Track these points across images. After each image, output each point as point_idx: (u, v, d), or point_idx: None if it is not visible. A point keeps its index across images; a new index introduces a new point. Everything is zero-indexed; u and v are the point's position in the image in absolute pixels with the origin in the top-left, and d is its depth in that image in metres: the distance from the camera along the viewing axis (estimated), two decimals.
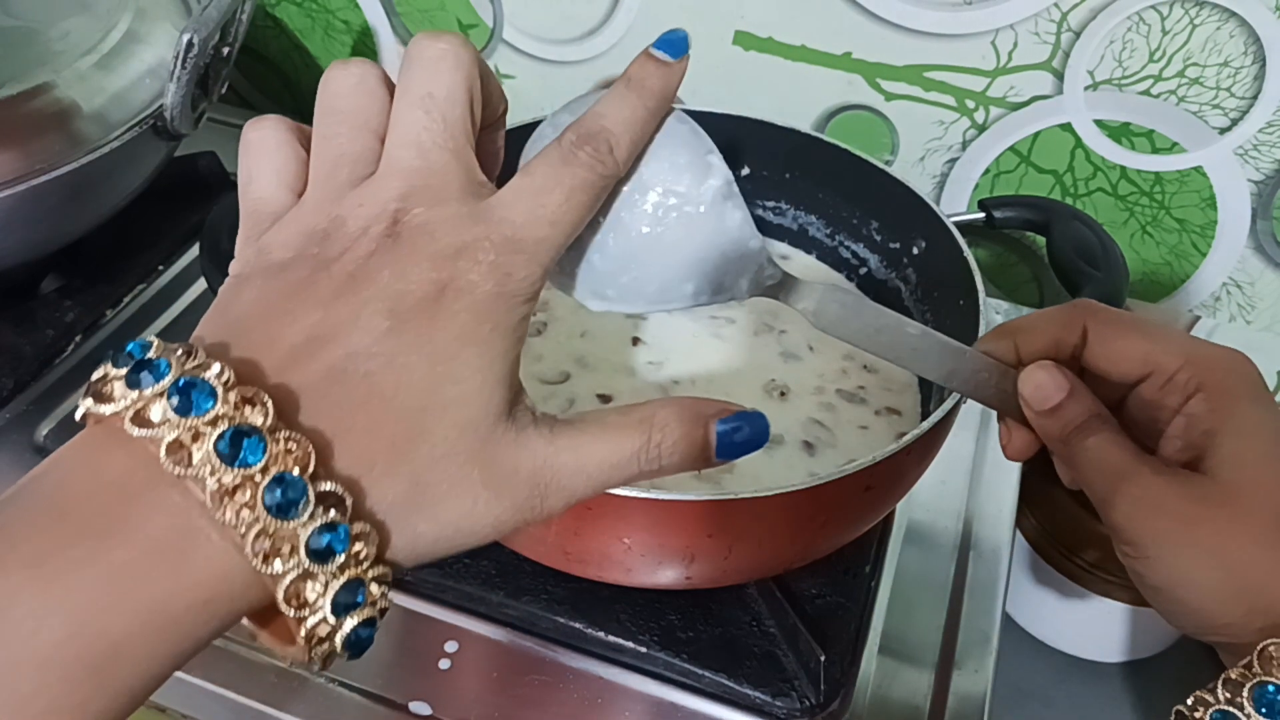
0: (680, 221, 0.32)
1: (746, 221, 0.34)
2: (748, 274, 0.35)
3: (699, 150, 0.33)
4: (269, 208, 0.27)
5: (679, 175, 0.32)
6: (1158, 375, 0.34)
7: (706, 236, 0.33)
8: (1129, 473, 0.33)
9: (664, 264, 0.33)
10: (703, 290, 0.34)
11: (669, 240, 0.32)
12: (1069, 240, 0.51)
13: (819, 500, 0.40)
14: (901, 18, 0.64)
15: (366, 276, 0.24)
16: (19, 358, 0.60)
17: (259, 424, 0.22)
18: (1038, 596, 0.65)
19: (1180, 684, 0.68)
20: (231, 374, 0.22)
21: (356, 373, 0.24)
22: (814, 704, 0.46)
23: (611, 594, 0.49)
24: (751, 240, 0.34)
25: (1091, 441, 0.34)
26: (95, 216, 0.60)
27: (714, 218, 0.33)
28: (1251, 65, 0.60)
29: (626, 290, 0.33)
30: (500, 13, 0.74)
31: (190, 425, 0.22)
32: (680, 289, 0.34)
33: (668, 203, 0.32)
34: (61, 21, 0.59)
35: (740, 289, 0.35)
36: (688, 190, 0.32)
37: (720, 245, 0.33)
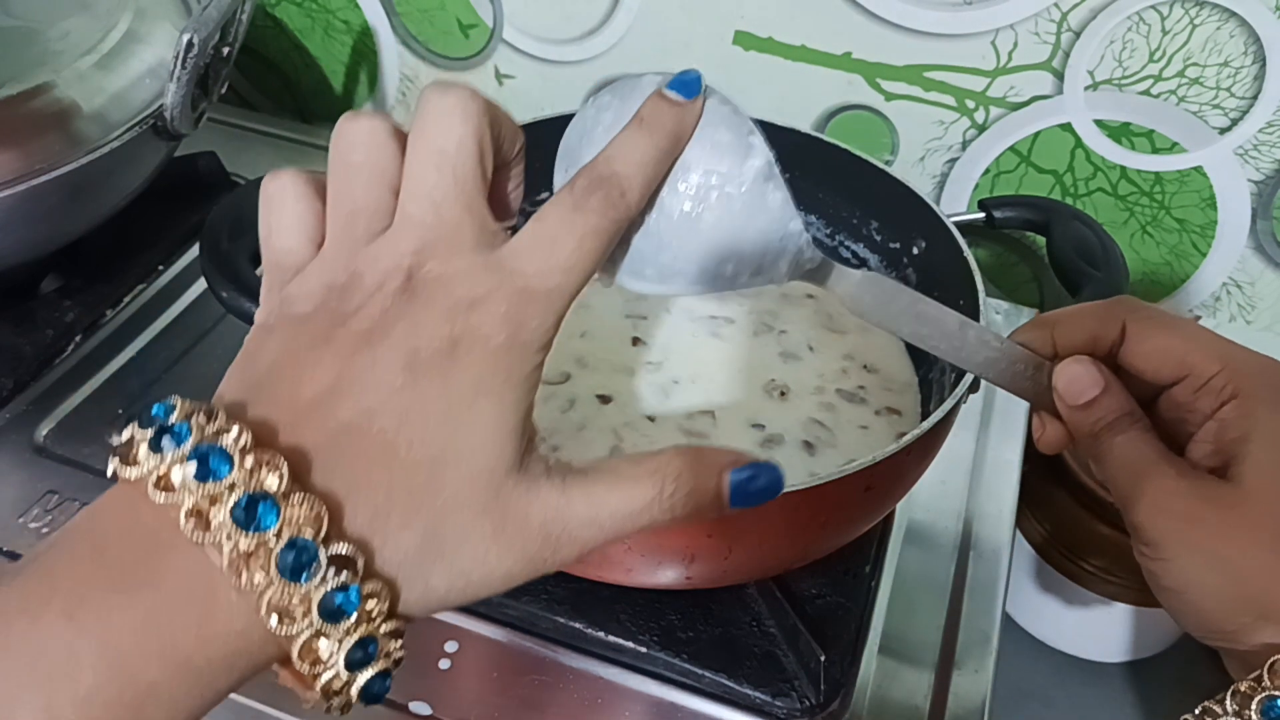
0: (721, 202, 0.32)
1: (787, 203, 0.34)
2: (788, 256, 0.34)
3: (740, 131, 0.33)
4: (291, 259, 0.28)
5: (720, 156, 0.32)
6: (1194, 378, 0.34)
7: (747, 217, 0.33)
8: (1154, 473, 0.33)
9: (704, 244, 0.33)
10: (742, 272, 0.34)
11: (709, 221, 0.32)
12: (1069, 240, 0.51)
13: (819, 500, 0.40)
14: (901, 18, 0.64)
15: (383, 331, 0.25)
16: (19, 358, 0.60)
17: (274, 489, 0.23)
18: (1038, 597, 0.65)
19: (1180, 684, 0.69)
20: (249, 438, 0.23)
21: (371, 428, 0.24)
22: (814, 704, 0.46)
23: (611, 594, 0.49)
24: (792, 222, 0.34)
25: (1121, 439, 0.34)
26: (95, 216, 0.60)
27: (755, 198, 0.33)
28: (1251, 65, 0.60)
29: (665, 270, 0.33)
30: (500, 12, 0.74)
31: (208, 491, 0.23)
32: (719, 270, 0.33)
33: (709, 183, 0.32)
34: (61, 21, 0.59)
35: (779, 272, 0.35)
36: (729, 171, 0.32)
37: (761, 226, 0.33)
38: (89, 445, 0.56)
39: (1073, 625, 0.65)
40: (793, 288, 0.57)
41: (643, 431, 0.49)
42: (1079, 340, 0.36)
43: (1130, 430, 0.34)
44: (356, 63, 0.82)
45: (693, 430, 0.49)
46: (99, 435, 0.57)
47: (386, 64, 0.81)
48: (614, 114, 0.32)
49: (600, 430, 0.49)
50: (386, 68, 0.81)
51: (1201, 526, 0.31)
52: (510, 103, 0.78)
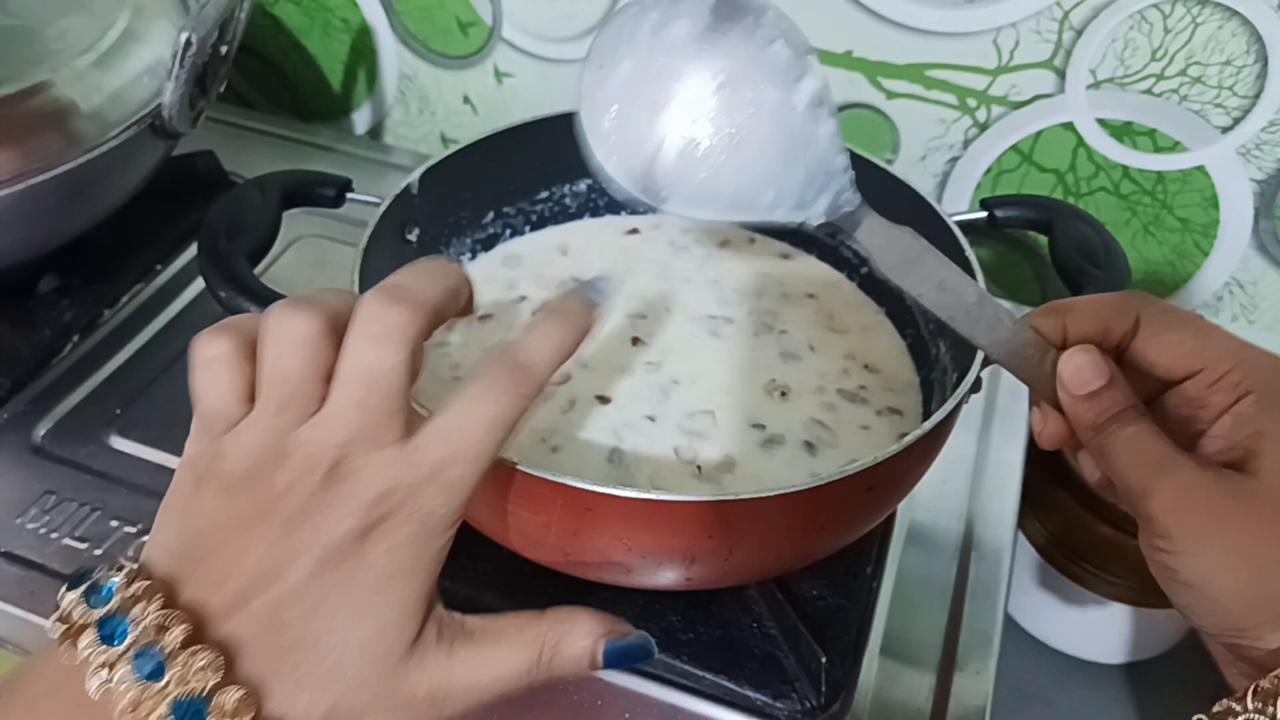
0: (770, 122, 0.31)
1: (836, 135, 0.32)
2: (828, 193, 0.33)
3: (799, 48, 0.31)
4: (222, 422, 0.31)
5: (777, 72, 0.30)
6: (1208, 373, 0.33)
7: (794, 143, 0.32)
8: (1170, 465, 0.32)
9: (748, 164, 0.31)
10: (781, 202, 0.32)
11: (756, 141, 0.31)
12: (1071, 239, 0.50)
13: (820, 501, 0.40)
14: (903, 16, 0.64)
15: (304, 518, 0.29)
16: (16, 357, 0.59)
17: (204, 688, 0.26)
18: (1040, 598, 0.65)
19: (1181, 686, 0.69)
20: (185, 633, 0.27)
21: (288, 619, 0.28)
22: (815, 706, 0.46)
23: (611, 595, 0.48)
24: (839, 156, 0.33)
25: (1129, 431, 0.33)
26: (93, 216, 0.60)
27: (807, 124, 0.32)
28: (1254, 64, 0.60)
29: (703, 189, 0.31)
30: (500, 11, 0.74)
31: (146, 693, 0.26)
32: (757, 197, 0.32)
33: (761, 99, 0.30)
34: (59, 20, 0.59)
35: (817, 209, 0.33)
36: (783, 89, 0.31)
37: (807, 155, 0.32)
38: (87, 446, 0.56)
39: (1074, 626, 0.64)
40: (794, 286, 0.57)
41: (643, 432, 0.48)
42: (1091, 330, 0.35)
43: (1138, 423, 0.33)
44: (355, 61, 0.81)
45: (693, 430, 0.48)
46: (97, 435, 0.57)
47: (385, 62, 0.80)
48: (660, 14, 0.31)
49: (600, 430, 0.48)
50: (385, 66, 0.81)
51: (1225, 521, 0.31)
52: (509, 101, 0.78)
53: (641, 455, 0.47)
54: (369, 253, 0.48)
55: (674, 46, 0.32)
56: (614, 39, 0.32)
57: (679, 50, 0.32)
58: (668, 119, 0.31)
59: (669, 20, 0.30)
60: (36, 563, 0.50)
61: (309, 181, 0.52)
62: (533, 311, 0.54)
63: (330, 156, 0.78)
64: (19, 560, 0.51)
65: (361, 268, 0.46)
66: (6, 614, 0.49)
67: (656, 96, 0.32)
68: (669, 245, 0.59)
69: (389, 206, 0.50)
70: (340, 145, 0.80)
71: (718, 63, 0.31)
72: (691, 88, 0.31)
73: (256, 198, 0.50)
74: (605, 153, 0.34)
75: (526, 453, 0.47)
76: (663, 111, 0.32)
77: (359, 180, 0.53)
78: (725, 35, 0.32)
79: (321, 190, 0.52)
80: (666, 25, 0.30)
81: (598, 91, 0.33)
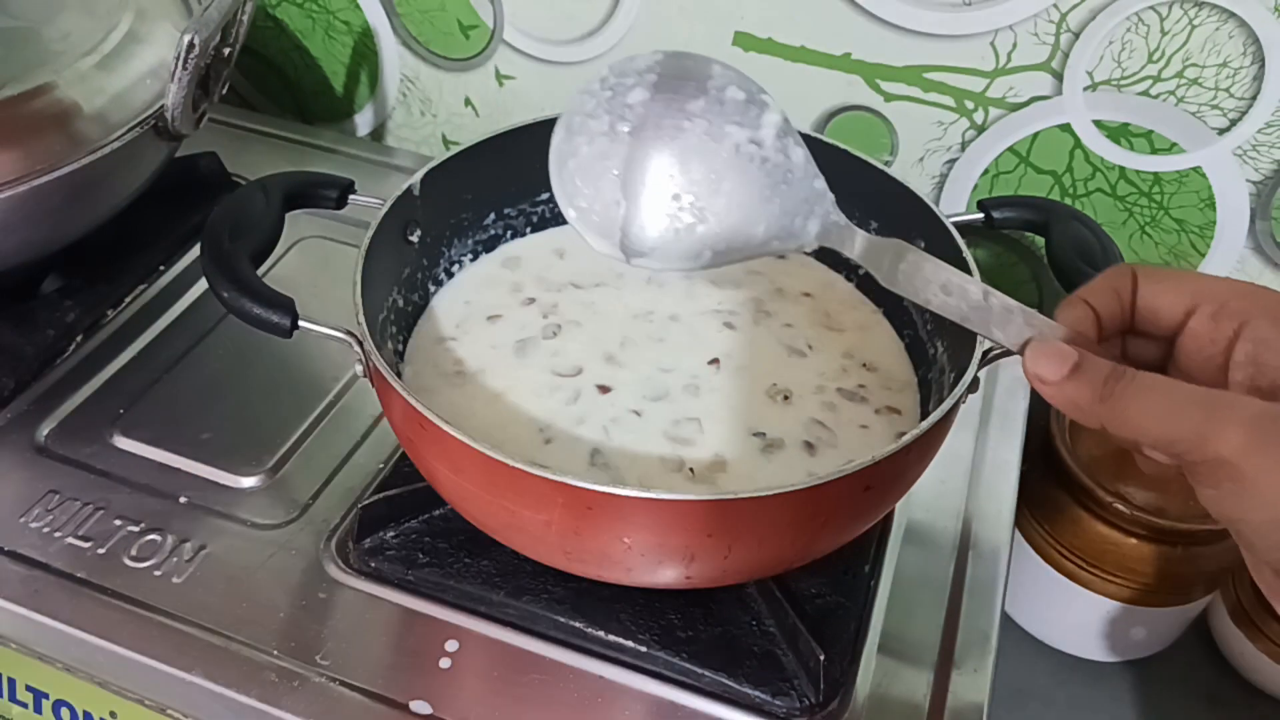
0: (743, 161, 0.32)
1: (809, 160, 0.33)
2: (816, 217, 0.34)
3: (751, 89, 0.32)
4: None
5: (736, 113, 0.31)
6: (1208, 305, 0.34)
7: (770, 175, 0.32)
8: (1225, 400, 0.31)
9: (731, 206, 0.32)
10: (772, 234, 0.33)
11: (735, 179, 0.32)
12: (1068, 241, 0.51)
13: (818, 500, 0.40)
14: (901, 18, 0.64)
15: None
16: (20, 358, 0.60)
17: None
18: (1037, 596, 0.65)
19: (1180, 684, 0.69)
20: None
21: None
22: (813, 703, 0.46)
23: (611, 593, 0.49)
24: (816, 180, 0.34)
25: (1138, 381, 0.32)
26: (96, 217, 0.61)
27: (778, 154, 0.33)
28: (1250, 66, 0.60)
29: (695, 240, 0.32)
30: (500, 13, 0.74)
31: None
32: (751, 234, 0.33)
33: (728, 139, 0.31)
34: (62, 22, 0.60)
35: (809, 234, 0.34)
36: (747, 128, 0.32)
37: (788, 184, 0.33)
38: (90, 445, 0.57)
39: (1072, 625, 0.65)
40: (789, 285, 0.58)
41: (631, 428, 0.49)
42: (1106, 300, 0.36)
43: (1140, 374, 0.32)
44: (357, 63, 0.82)
45: (678, 437, 0.49)
46: (100, 435, 0.57)
47: (387, 65, 0.81)
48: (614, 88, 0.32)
49: (592, 427, 0.49)
50: (387, 68, 0.81)
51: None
52: (510, 103, 0.79)
53: (629, 452, 0.47)
54: (371, 254, 0.48)
55: (632, 112, 0.33)
56: (574, 114, 0.34)
57: (638, 114, 0.33)
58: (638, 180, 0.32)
59: (624, 90, 0.32)
60: (40, 562, 0.51)
61: (311, 183, 0.52)
62: (543, 314, 0.54)
63: (332, 158, 0.79)
64: (22, 559, 0.51)
65: (364, 268, 0.47)
66: (10, 613, 0.49)
67: (623, 161, 0.33)
68: None
69: (391, 208, 0.51)
70: (342, 147, 0.80)
71: (679, 119, 0.32)
72: (657, 149, 0.32)
73: (259, 199, 0.50)
74: (581, 224, 0.35)
75: (522, 444, 0.48)
76: (632, 174, 0.33)
77: (361, 181, 0.53)
78: (678, 93, 0.33)
79: (324, 191, 0.52)
80: (623, 95, 0.32)
81: (565, 165, 0.34)
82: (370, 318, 0.45)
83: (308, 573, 0.51)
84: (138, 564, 0.51)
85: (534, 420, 0.49)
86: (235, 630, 0.48)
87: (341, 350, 0.45)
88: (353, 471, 0.56)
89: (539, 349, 0.53)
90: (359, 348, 0.44)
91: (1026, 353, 0.34)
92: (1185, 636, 0.66)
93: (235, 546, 0.52)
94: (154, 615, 0.49)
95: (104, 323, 0.64)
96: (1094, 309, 0.36)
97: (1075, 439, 0.62)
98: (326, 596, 0.50)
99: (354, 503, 0.54)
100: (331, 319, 0.45)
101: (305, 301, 0.45)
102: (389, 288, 0.52)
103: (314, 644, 0.48)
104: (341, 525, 0.53)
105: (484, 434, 0.40)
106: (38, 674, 0.52)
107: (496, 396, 0.50)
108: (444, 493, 0.46)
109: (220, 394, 0.60)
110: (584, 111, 0.34)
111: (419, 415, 0.41)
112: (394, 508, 0.52)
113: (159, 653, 0.47)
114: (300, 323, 0.45)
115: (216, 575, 0.51)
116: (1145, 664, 0.66)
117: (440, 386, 0.51)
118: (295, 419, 0.58)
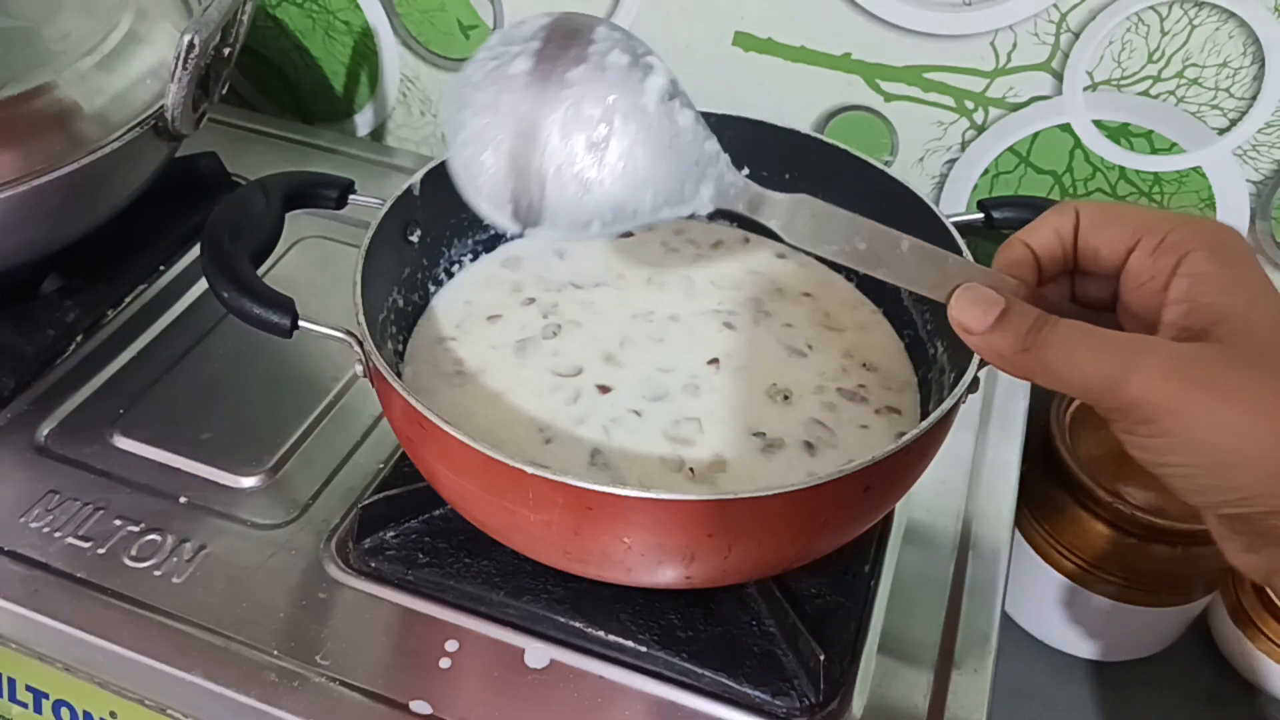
0: (627, 127, 0.31)
1: (699, 122, 0.33)
2: (709, 181, 0.33)
3: (635, 52, 0.32)
4: None
5: (618, 79, 0.31)
6: (1148, 239, 0.33)
7: (657, 140, 0.32)
8: (1143, 344, 0.31)
9: (617, 172, 0.32)
10: (661, 200, 0.33)
11: (617, 150, 0.31)
12: None
13: (819, 500, 0.40)
14: (901, 18, 0.64)
15: None
16: (20, 358, 0.60)
17: None
18: (1037, 596, 0.65)
19: (1179, 684, 0.69)
20: None
21: None
22: (813, 703, 0.46)
23: (612, 593, 0.49)
24: (708, 142, 0.33)
25: (1060, 328, 0.31)
26: (96, 217, 0.61)
27: (662, 118, 0.32)
28: (1250, 66, 0.60)
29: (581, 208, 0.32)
30: (500, 13, 0.74)
31: None
32: (639, 200, 0.32)
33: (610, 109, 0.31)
34: (62, 22, 0.60)
35: (702, 199, 0.34)
36: (630, 92, 0.31)
37: (674, 148, 0.32)
38: (90, 445, 0.57)
39: (1072, 625, 0.65)
40: (789, 285, 0.58)
41: (631, 428, 0.49)
42: (1046, 240, 0.35)
43: (1063, 321, 0.32)
44: (357, 64, 0.82)
45: (678, 437, 0.49)
46: (100, 435, 0.57)
47: (387, 65, 0.81)
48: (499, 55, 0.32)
49: (592, 427, 0.49)
50: (387, 69, 0.81)
51: (1220, 390, 0.29)
52: None
53: (629, 452, 0.47)
54: (371, 254, 0.48)
55: (515, 81, 0.33)
56: (463, 85, 0.34)
57: (520, 84, 0.33)
58: (524, 151, 0.32)
59: (508, 59, 0.32)
60: (40, 562, 0.51)
61: (312, 183, 0.52)
62: (543, 314, 0.54)
63: (332, 158, 0.79)
64: (22, 559, 0.51)
65: (364, 268, 0.47)
66: (10, 613, 0.49)
67: (509, 132, 0.33)
68: (661, 247, 0.60)
69: (391, 208, 0.51)
70: (342, 147, 0.80)
71: (559, 89, 0.32)
72: (540, 116, 0.32)
73: (259, 199, 0.50)
74: (473, 195, 0.35)
75: (522, 444, 0.48)
76: (518, 145, 0.33)
77: (361, 182, 0.53)
78: (560, 59, 0.33)
79: (324, 191, 0.52)
80: (506, 64, 0.32)
81: (456, 137, 0.34)
82: (370, 318, 0.45)
83: (308, 573, 0.51)
84: (138, 564, 0.51)
85: (534, 420, 0.49)
86: (235, 630, 0.48)
87: (341, 350, 0.45)
88: (353, 471, 0.56)
89: (539, 349, 0.53)
90: (359, 348, 0.44)
91: (951, 300, 0.34)
92: (1185, 636, 0.66)
93: (235, 546, 0.52)
94: (154, 615, 0.49)
95: (104, 323, 0.64)
96: (1033, 250, 0.35)
97: (1075, 439, 0.62)
98: (326, 596, 0.50)
99: (354, 503, 0.54)
100: (331, 319, 0.45)
101: (305, 301, 0.45)
102: (389, 288, 0.52)
103: (314, 644, 0.48)
104: (341, 525, 0.53)
105: (484, 434, 0.40)
106: (38, 674, 0.52)
107: (496, 396, 0.50)
108: (444, 493, 0.46)
109: (220, 394, 0.60)
110: (471, 83, 0.34)
111: (419, 415, 0.41)
112: (394, 508, 0.52)
113: (159, 653, 0.47)
114: (300, 323, 0.45)
115: (216, 575, 0.51)
116: (1145, 664, 0.66)
117: (440, 386, 0.51)
118: (295, 419, 0.58)
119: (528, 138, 0.33)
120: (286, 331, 0.45)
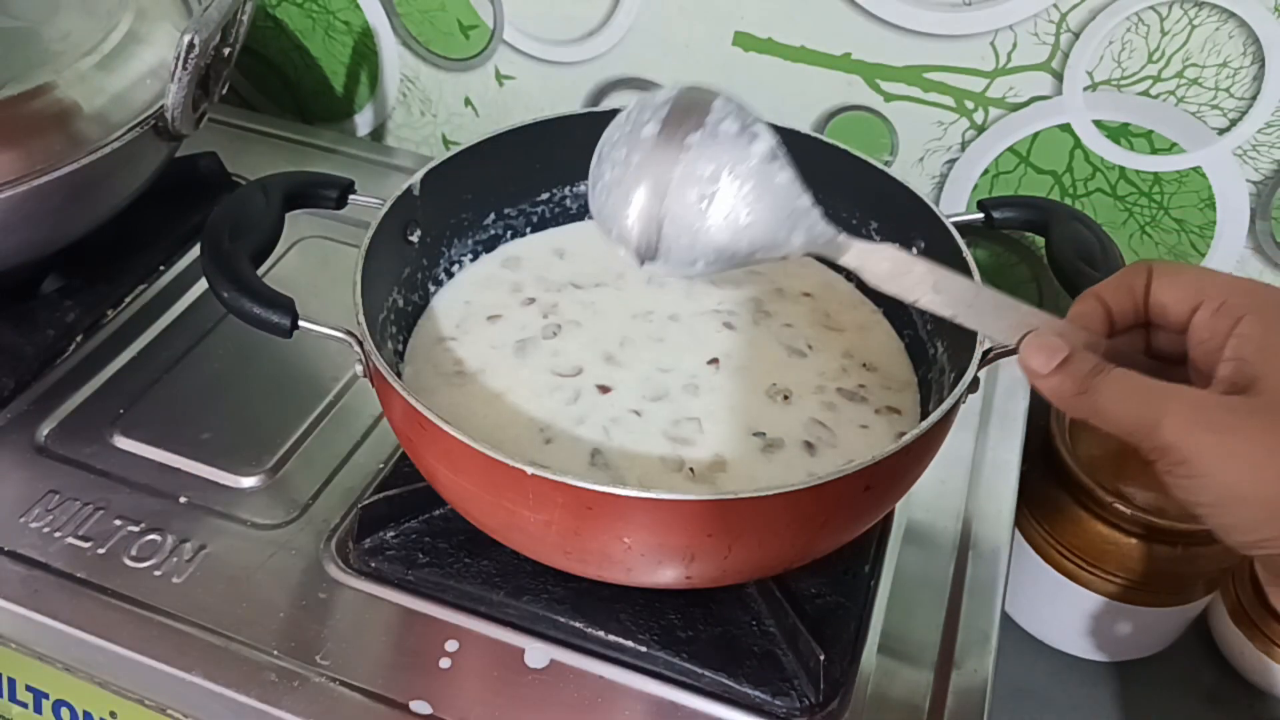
0: (731, 185, 0.38)
1: (794, 181, 0.39)
2: (801, 230, 0.39)
3: (744, 121, 0.38)
4: None
5: (727, 146, 0.38)
6: (1210, 302, 0.35)
7: (756, 196, 0.38)
8: (1176, 391, 0.33)
9: (721, 223, 0.39)
10: (758, 247, 0.39)
11: (726, 200, 0.38)
12: (1068, 241, 0.51)
13: (819, 500, 0.40)
14: (901, 18, 0.64)
15: None
16: (20, 358, 0.60)
17: None
18: (1037, 596, 0.65)
19: (1180, 684, 0.69)
20: None
21: None
22: (813, 703, 0.46)
23: (612, 593, 0.49)
24: (800, 198, 0.39)
25: (1114, 375, 0.35)
26: (96, 217, 0.61)
27: (762, 179, 0.38)
28: (1250, 65, 0.60)
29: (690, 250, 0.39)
30: (500, 13, 0.74)
31: None
32: (738, 247, 0.39)
33: (719, 171, 0.38)
34: (62, 22, 0.60)
35: (794, 245, 0.40)
36: (735, 157, 0.38)
37: (769, 203, 0.39)
38: (90, 445, 0.57)
39: (1072, 625, 0.65)
40: (789, 285, 0.58)
41: (632, 428, 0.49)
42: (1119, 296, 0.37)
43: (1119, 370, 0.35)
44: (357, 64, 0.82)
45: (678, 437, 0.49)
46: (100, 435, 0.57)
47: (387, 65, 0.81)
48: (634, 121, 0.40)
49: (592, 427, 0.49)
50: (387, 69, 0.81)
51: (1238, 436, 0.32)
52: (510, 103, 0.79)
53: (629, 452, 0.47)
54: (371, 254, 0.48)
55: (644, 144, 0.40)
56: (604, 143, 0.41)
57: (648, 145, 0.40)
58: (648, 201, 0.39)
59: (641, 124, 0.39)
60: (40, 562, 0.51)
61: (312, 183, 0.52)
62: (543, 314, 0.54)
63: (332, 158, 0.79)
64: (22, 559, 0.51)
65: (364, 268, 0.47)
66: (10, 613, 0.49)
67: (635, 185, 0.40)
68: None
69: (391, 208, 0.51)
70: (342, 147, 0.80)
71: (678, 151, 0.39)
72: (662, 172, 0.39)
73: (259, 199, 0.50)
74: (606, 232, 0.42)
75: (522, 444, 0.48)
76: (642, 196, 0.40)
77: (361, 182, 0.53)
78: (681, 126, 0.39)
79: (324, 191, 0.52)
80: (639, 129, 0.39)
81: (596, 185, 0.42)
82: (370, 318, 0.45)
83: (308, 573, 0.51)
84: (138, 564, 0.51)
85: (534, 420, 0.49)
86: (235, 630, 0.48)
87: (341, 350, 0.45)
88: (353, 471, 0.56)
89: (539, 349, 0.53)
90: (359, 348, 0.44)
91: (1021, 346, 0.37)
92: (1185, 636, 0.66)
93: (235, 546, 0.52)
94: (154, 615, 0.49)
95: (104, 323, 0.64)
96: (1106, 304, 0.37)
97: (1075, 439, 0.62)
98: (326, 596, 0.50)
99: (354, 503, 0.54)
100: (331, 319, 0.45)
101: (305, 301, 0.46)
102: (389, 288, 0.52)
103: (314, 644, 0.48)
104: (341, 525, 0.53)
105: (484, 434, 0.40)
106: (38, 674, 0.52)
107: (496, 396, 0.50)
108: (444, 493, 0.46)
109: (220, 394, 0.60)
110: (611, 141, 0.41)
111: (419, 415, 0.41)
112: (394, 508, 0.52)
113: (159, 653, 0.47)
114: (300, 323, 0.45)
115: (216, 575, 0.51)
116: (1145, 664, 0.66)
117: (440, 386, 0.51)
118: (295, 419, 0.58)
119: (651, 190, 0.39)
120: (286, 331, 0.45)
